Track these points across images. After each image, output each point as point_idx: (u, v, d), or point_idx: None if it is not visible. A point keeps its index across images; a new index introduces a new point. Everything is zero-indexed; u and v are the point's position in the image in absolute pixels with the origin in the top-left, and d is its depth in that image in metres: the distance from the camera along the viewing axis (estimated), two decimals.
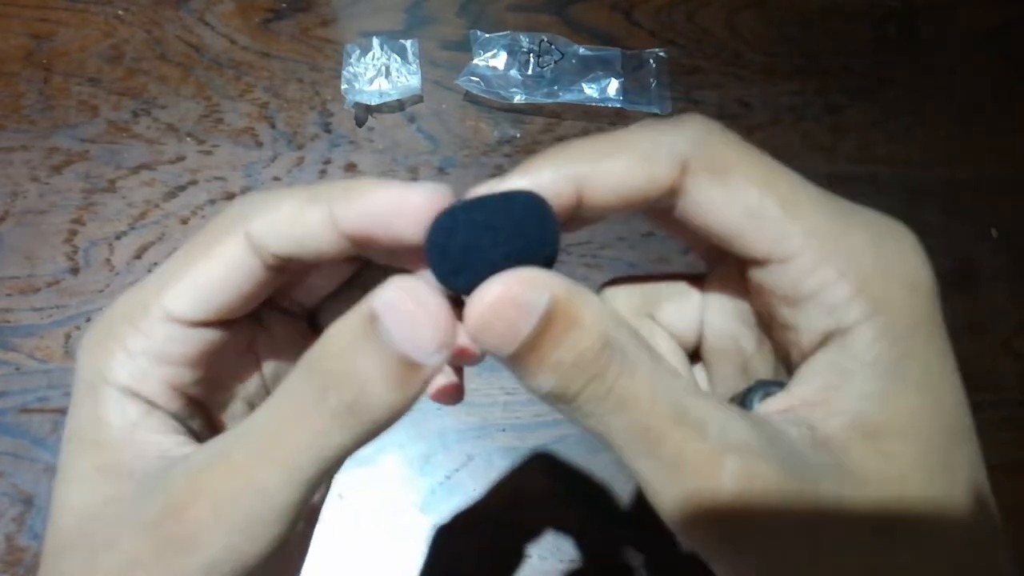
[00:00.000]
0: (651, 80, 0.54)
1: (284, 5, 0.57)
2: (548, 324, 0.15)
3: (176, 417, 0.19)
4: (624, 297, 0.22)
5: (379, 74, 0.54)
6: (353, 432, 0.15)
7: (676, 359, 0.22)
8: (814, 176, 0.21)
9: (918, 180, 0.52)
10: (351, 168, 0.53)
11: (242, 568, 0.15)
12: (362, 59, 0.55)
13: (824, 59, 0.56)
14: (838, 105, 0.54)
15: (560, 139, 0.54)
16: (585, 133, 0.53)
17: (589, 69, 0.54)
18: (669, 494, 0.16)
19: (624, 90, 0.53)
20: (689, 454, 0.16)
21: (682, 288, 0.22)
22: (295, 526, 0.16)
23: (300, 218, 0.17)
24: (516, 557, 0.44)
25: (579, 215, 0.19)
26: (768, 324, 0.20)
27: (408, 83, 0.54)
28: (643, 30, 0.57)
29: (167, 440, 0.18)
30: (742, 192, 0.18)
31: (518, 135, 0.54)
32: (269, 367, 0.21)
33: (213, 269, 0.18)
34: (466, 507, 0.45)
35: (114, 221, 0.52)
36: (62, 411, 0.47)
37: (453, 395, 0.21)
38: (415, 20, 0.57)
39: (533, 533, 0.45)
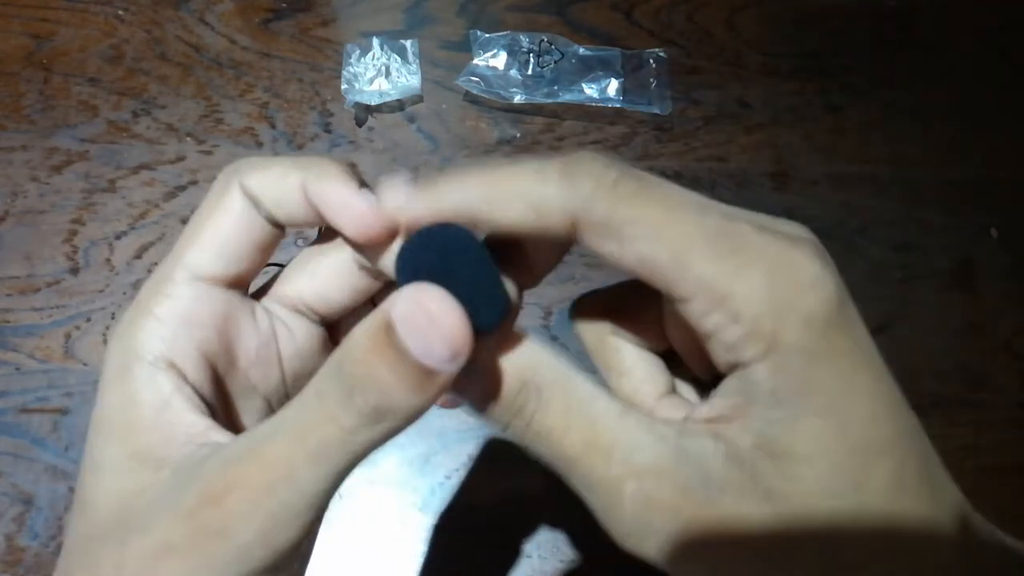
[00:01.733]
0: (651, 80, 0.54)
1: (284, 5, 0.57)
2: (482, 376, 0.18)
3: (203, 398, 0.19)
4: (592, 313, 0.23)
5: (379, 74, 0.54)
6: (378, 430, 0.16)
7: (643, 368, 0.23)
8: (814, 176, 0.21)
9: (918, 180, 0.52)
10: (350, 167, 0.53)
11: (273, 554, 0.16)
12: (362, 59, 0.55)
13: (824, 59, 0.56)
14: (838, 105, 0.54)
15: (560, 139, 0.54)
16: (585, 133, 0.53)
17: (589, 69, 0.54)
18: (592, 505, 0.18)
19: (624, 90, 0.53)
20: (596, 480, 0.18)
21: (645, 296, 0.22)
22: (322, 515, 0.17)
23: (280, 181, 0.19)
24: (516, 557, 0.44)
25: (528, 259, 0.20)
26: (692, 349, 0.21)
27: (408, 83, 0.54)
28: (643, 30, 0.57)
29: (197, 423, 0.19)
30: (633, 246, 0.18)
31: (518, 135, 0.54)
32: (290, 369, 0.22)
33: (221, 223, 0.20)
34: (466, 507, 0.45)
35: (114, 221, 0.52)
36: (62, 411, 0.47)
37: (455, 401, 0.22)
38: (415, 20, 0.57)
39: (533, 533, 0.45)
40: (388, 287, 0.22)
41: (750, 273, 0.17)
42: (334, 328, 0.24)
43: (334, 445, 0.16)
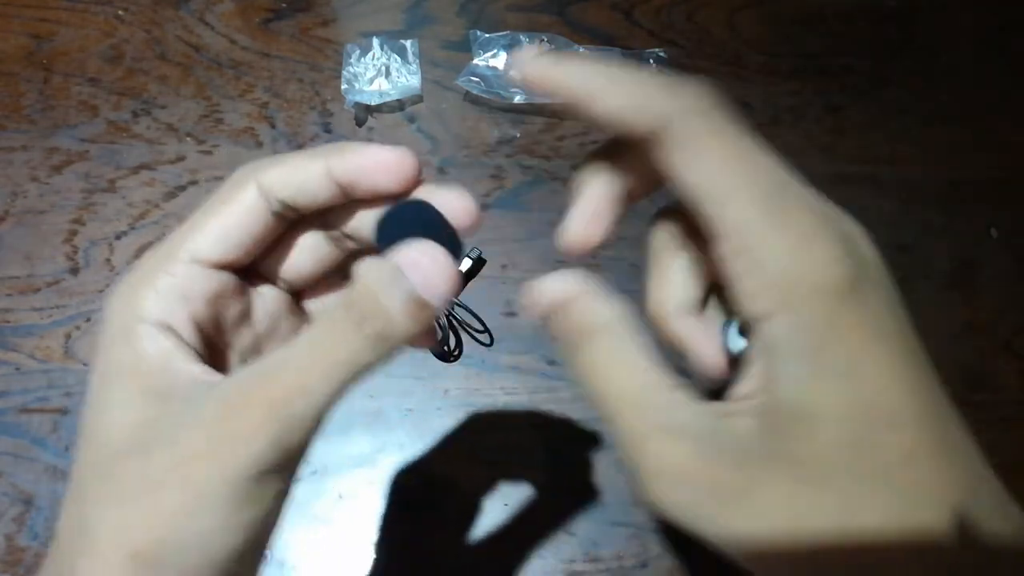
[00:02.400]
0: None
1: (284, 5, 0.57)
2: (558, 309, 0.22)
3: (198, 355, 0.22)
4: (671, 220, 0.26)
5: (379, 74, 0.54)
6: (379, 351, 0.20)
7: (681, 280, 0.25)
8: (814, 176, 0.21)
9: (918, 180, 0.52)
10: None
11: (284, 455, 0.19)
12: (362, 59, 0.55)
13: (824, 59, 0.56)
14: (838, 105, 0.54)
15: (560, 139, 0.54)
16: (585, 133, 0.53)
17: None
18: (622, 450, 0.20)
19: None
20: (627, 429, 0.20)
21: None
22: (323, 423, 0.20)
23: (303, 169, 0.22)
24: (516, 556, 0.44)
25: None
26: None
27: (408, 83, 0.54)
28: (643, 30, 0.57)
29: (197, 369, 0.21)
30: (700, 167, 0.20)
31: (518, 135, 0.54)
32: (261, 329, 0.25)
33: (231, 215, 0.22)
34: (465, 507, 0.45)
35: (114, 221, 0.52)
36: (62, 411, 0.47)
37: (430, 337, 0.26)
38: (415, 20, 0.57)
39: (533, 533, 0.45)
40: (349, 258, 0.26)
41: (784, 233, 0.19)
42: (298, 294, 0.27)
43: (343, 364, 0.19)
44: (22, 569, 0.43)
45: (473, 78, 0.53)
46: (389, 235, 0.21)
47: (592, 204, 0.24)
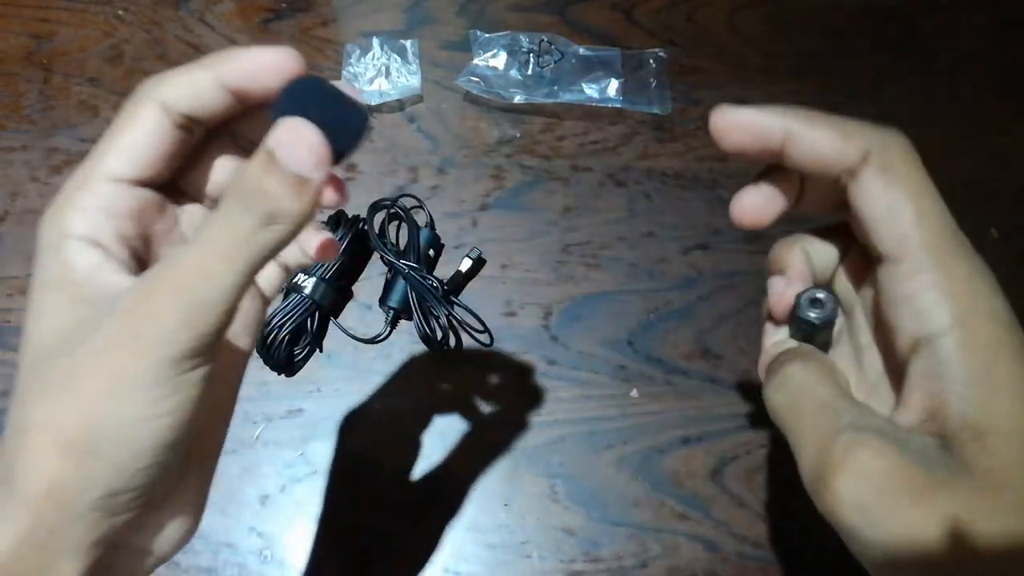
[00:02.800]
0: (651, 80, 0.54)
1: (284, 5, 0.57)
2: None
3: (127, 268, 0.23)
4: (826, 253, 0.28)
5: (379, 74, 0.54)
6: (275, 232, 0.20)
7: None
8: None
9: None
10: (351, 168, 0.53)
11: (195, 338, 0.20)
12: (362, 59, 0.55)
13: (824, 59, 0.56)
14: (838, 105, 0.54)
15: (560, 139, 0.54)
16: (585, 133, 0.53)
17: (589, 69, 0.54)
18: (803, 457, 0.22)
19: (624, 90, 0.53)
20: (814, 431, 0.22)
21: (851, 260, 0.27)
22: (234, 309, 0.21)
23: (195, 80, 0.23)
24: (516, 557, 0.44)
25: (801, 196, 0.26)
26: (879, 326, 0.25)
27: (408, 83, 0.54)
28: (643, 30, 0.57)
29: (124, 279, 0.22)
30: (893, 191, 0.22)
31: (518, 135, 0.54)
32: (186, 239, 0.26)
33: (137, 133, 0.23)
34: (466, 507, 0.45)
35: None
36: None
37: (331, 250, 0.27)
38: (415, 20, 0.57)
39: (533, 533, 0.45)
40: None
41: (959, 261, 0.22)
42: None
43: (238, 246, 0.20)
44: None
45: (473, 78, 0.53)
46: (283, 112, 0.21)
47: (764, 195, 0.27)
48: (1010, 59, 0.56)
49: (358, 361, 0.48)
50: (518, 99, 0.53)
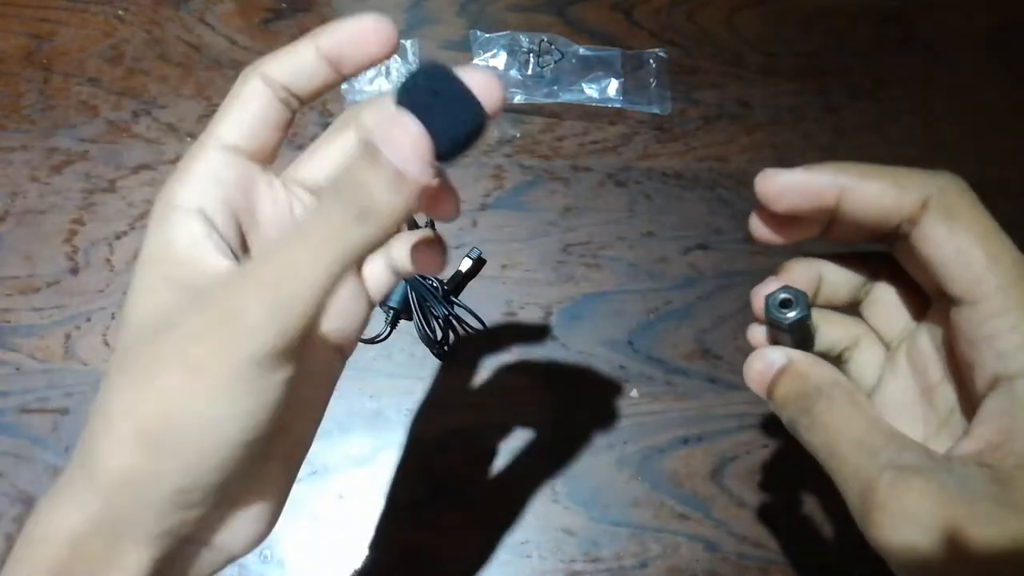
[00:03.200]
0: (651, 80, 0.54)
1: (284, 5, 0.57)
2: (782, 375, 0.25)
3: (229, 247, 0.23)
4: (844, 280, 0.28)
5: (379, 74, 0.54)
6: (366, 230, 0.20)
7: (872, 353, 0.28)
8: None
9: None
10: None
11: (281, 341, 0.20)
12: None
13: (824, 59, 0.56)
14: (838, 105, 0.54)
15: (560, 139, 0.53)
16: (585, 133, 0.53)
17: (589, 69, 0.54)
18: (849, 497, 0.22)
19: (624, 90, 0.53)
20: (857, 471, 0.22)
21: (892, 295, 0.27)
22: (321, 307, 0.20)
23: (296, 54, 0.24)
24: (516, 557, 0.44)
25: (832, 225, 0.25)
26: (953, 362, 0.25)
27: None
28: (643, 30, 0.57)
29: (221, 263, 0.22)
30: (960, 236, 0.23)
31: (518, 135, 0.54)
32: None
33: (244, 104, 0.24)
34: (466, 507, 0.45)
35: (114, 221, 0.52)
36: (62, 411, 0.47)
37: (431, 263, 0.27)
38: (415, 20, 0.57)
39: (533, 533, 0.45)
40: None
41: None
42: None
43: (329, 242, 0.20)
44: None
45: None
46: (404, 102, 0.21)
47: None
48: (1010, 59, 0.56)
49: (358, 361, 0.48)
50: (518, 99, 0.53)
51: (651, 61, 0.54)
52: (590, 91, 0.53)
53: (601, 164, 0.53)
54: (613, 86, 0.53)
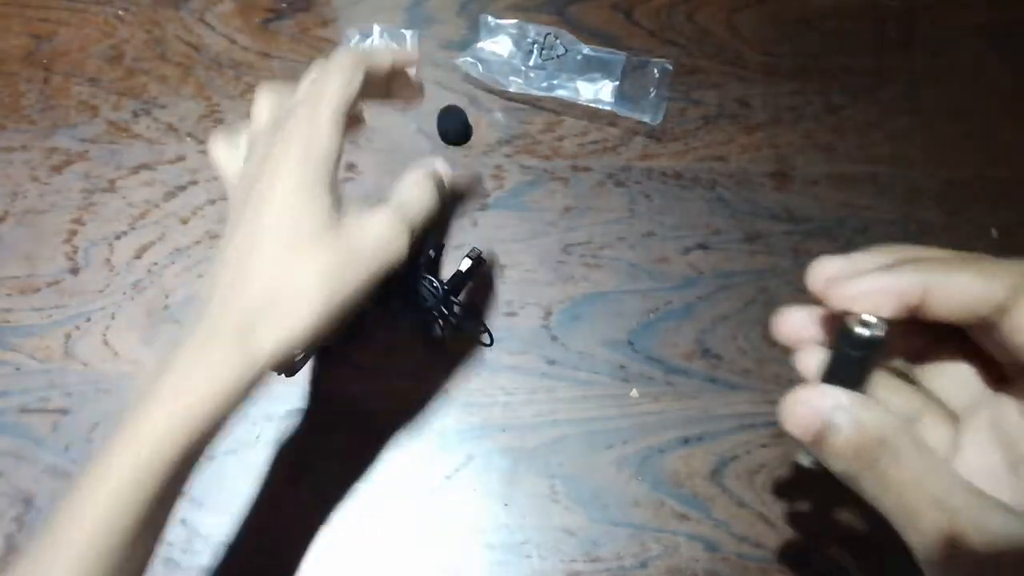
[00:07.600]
0: (651, 89, 0.53)
1: (284, 5, 0.57)
2: (836, 428, 0.23)
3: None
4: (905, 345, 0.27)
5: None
6: (439, 189, 0.36)
7: (939, 427, 0.27)
8: (814, 176, 0.21)
9: (918, 180, 0.52)
10: (351, 168, 0.53)
11: (322, 159, 0.32)
12: (360, 47, 0.54)
13: (824, 59, 0.56)
14: (838, 105, 0.54)
15: (560, 139, 0.53)
16: (585, 133, 0.53)
17: (589, 69, 0.54)
18: (920, 553, 0.22)
19: (619, 95, 0.53)
20: (933, 525, 0.22)
21: (959, 364, 0.26)
22: (344, 130, 0.33)
23: (356, 78, 0.34)
24: (516, 557, 0.44)
25: (913, 316, 0.24)
26: None
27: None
28: (643, 30, 0.57)
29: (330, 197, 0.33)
30: None
31: (518, 135, 0.54)
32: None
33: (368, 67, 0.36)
34: (466, 507, 0.45)
35: (114, 221, 0.52)
36: (62, 411, 0.47)
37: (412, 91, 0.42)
38: (415, 20, 0.57)
39: (533, 533, 0.45)
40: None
41: None
42: None
43: (424, 200, 0.38)
44: None
45: (473, 60, 0.53)
46: (440, 124, 0.44)
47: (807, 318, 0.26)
48: (1010, 59, 0.56)
49: (359, 361, 0.48)
50: (514, 88, 0.53)
51: (655, 71, 0.54)
52: (584, 90, 0.53)
53: (601, 164, 0.53)
54: (607, 89, 0.53)
